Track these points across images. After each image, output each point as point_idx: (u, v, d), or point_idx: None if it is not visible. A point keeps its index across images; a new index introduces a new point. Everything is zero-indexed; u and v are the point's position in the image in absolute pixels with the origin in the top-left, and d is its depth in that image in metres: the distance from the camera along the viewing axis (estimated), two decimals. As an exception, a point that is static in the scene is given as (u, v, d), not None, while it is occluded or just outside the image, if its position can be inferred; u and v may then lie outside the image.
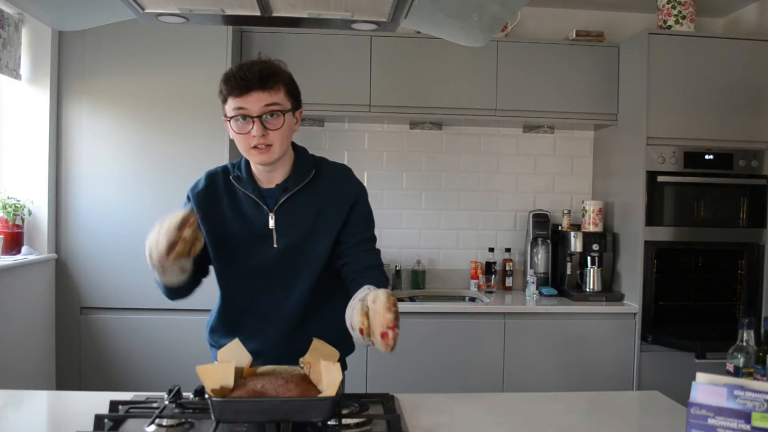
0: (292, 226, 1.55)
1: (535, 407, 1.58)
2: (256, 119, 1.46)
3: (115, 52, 2.95)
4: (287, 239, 1.55)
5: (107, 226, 2.95)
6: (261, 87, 1.46)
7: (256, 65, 1.47)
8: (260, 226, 1.55)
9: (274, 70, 1.49)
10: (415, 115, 3.37)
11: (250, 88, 1.45)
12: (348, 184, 1.62)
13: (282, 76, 1.51)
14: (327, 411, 1.17)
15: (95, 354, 2.96)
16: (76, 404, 1.59)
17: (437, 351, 3.04)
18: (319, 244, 1.57)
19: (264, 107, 1.46)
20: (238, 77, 1.45)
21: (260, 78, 1.45)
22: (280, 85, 1.49)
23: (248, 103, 1.46)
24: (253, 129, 1.46)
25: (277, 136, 1.49)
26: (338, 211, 1.57)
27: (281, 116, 1.48)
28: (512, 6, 1.53)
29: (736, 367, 1.47)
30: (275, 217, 1.55)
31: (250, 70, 1.45)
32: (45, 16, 1.78)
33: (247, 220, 1.56)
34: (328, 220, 1.57)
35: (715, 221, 3.22)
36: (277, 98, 1.48)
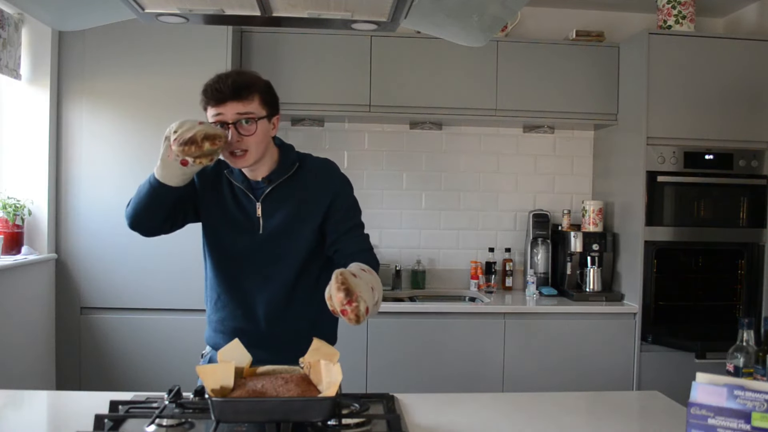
0: (276, 214, 1.68)
1: (535, 407, 1.58)
2: (231, 126, 1.57)
3: (115, 52, 2.95)
4: (271, 226, 1.68)
5: (107, 226, 2.95)
6: (235, 98, 1.56)
7: (231, 77, 1.58)
8: (250, 214, 1.69)
9: (248, 81, 1.60)
10: (415, 115, 3.37)
11: (224, 99, 1.56)
12: (329, 177, 1.73)
13: (256, 86, 1.61)
14: (327, 411, 1.17)
15: (95, 354, 2.96)
16: (76, 404, 1.59)
17: (437, 351, 3.04)
18: (302, 231, 1.68)
19: (237, 115, 1.57)
20: (213, 89, 1.58)
21: (233, 90, 1.56)
22: (255, 94, 1.59)
23: (223, 110, 1.57)
24: (228, 135, 1.57)
25: (252, 142, 1.59)
26: (320, 202, 1.68)
27: (254, 123, 1.59)
28: (512, 6, 1.53)
29: (736, 367, 1.47)
30: (261, 205, 1.68)
31: (225, 82, 1.57)
32: (45, 16, 1.78)
33: (241, 208, 1.69)
34: (311, 209, 1.68)
35: (715, 221, 3.22)
36: (250, 107, 1.58)
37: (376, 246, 3.60)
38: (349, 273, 1.34)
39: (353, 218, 1.72)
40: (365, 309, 1.30)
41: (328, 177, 1.73)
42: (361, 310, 1.29)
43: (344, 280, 1.30)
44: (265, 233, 1.67)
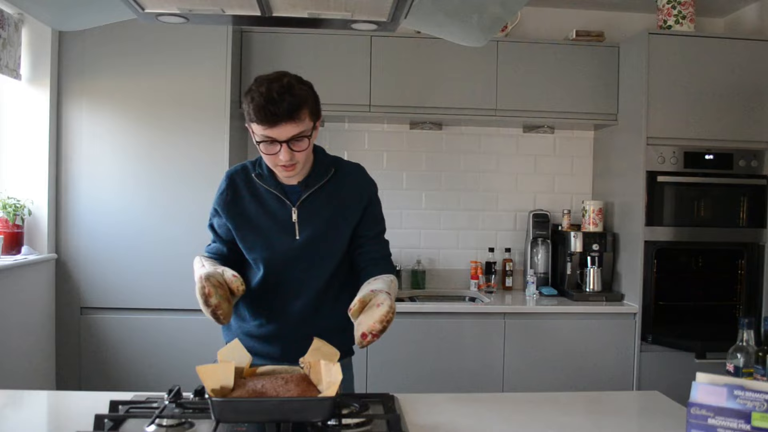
0: (313, 219, 1.67)
1: (535, 407, 1.58)
2: (283, 144, 1.53)
3: (115, 52, 2.95)
4: (309, 232, 1.67)
5: (107, 226, 2.95)
6: (289, 119, 1.51)
7: (285, 98, 1.50)
8: (284, 219, 1.67)
9: (301, 99, 1.53)
10: (415, 115, 3.37)
11: (278, 122, 1.51)
12: (363, 182, 1.76)
13: (307, 102, 1.55)
14: (327, 411, 1.17)
15: (95, 354, 2.96)
16: (76, 404, 1.59)
17: (437, 351, 3.04)
18: (338, 236, 1.70)
19: (291, 136, 1.53)
20: (267, 111, 1.49)
21: (288, 112, 1.50)
22: (306, 111, 1.54)
23: (276, 133, 1.52)
24: (280, 152, 1.54)
25: (302, 156, 1.58)
26: (355, 208, 1.71)
27: (306, 140, 1.57)
28: (512, 6, 1.53)
29: (736, 367, 1.47)
30: (298, 211, 1.66)
31: (279, 105, 1.49)
32: (45, 16, 1.77)
33: (272, 214, 1.67)
34: (346, 215, 1.70)
35: (715, 221, 3.22)
36: (303, 126, 1.54)
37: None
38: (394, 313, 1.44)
39: (380, 223, 1.80)
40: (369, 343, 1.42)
41: (363, 183, 1.76)
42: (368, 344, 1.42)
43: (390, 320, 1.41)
44: (302, 239, 1.66)
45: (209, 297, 1.42)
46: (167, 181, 2.96)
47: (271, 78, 1.54)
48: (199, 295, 1.44)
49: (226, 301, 1.46)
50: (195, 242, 2.96)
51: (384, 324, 1.40)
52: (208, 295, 1.42)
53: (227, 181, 1.71)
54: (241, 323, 1.75)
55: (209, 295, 1.42)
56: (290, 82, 1.53)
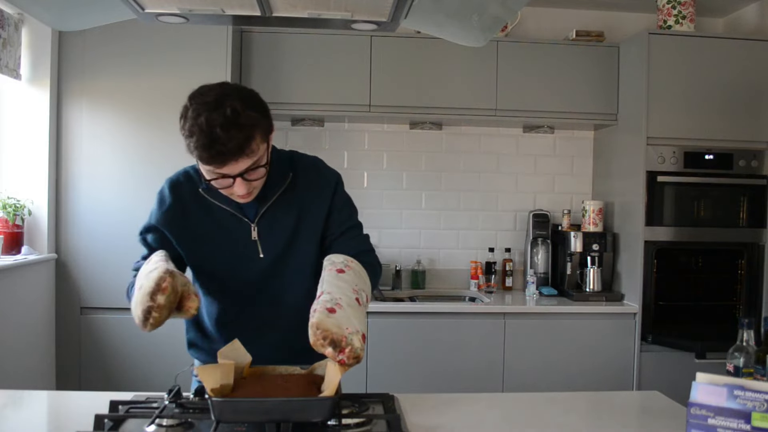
0: (276, 233, 1.49)
1: (535, 407, 1.58)
2: (236, 178, 1.34)
3: (115, 52, 2.95)
4: (274, 247, 1.49)
5: (107, 226, 2.95)
6: (240, 155, 1.29)
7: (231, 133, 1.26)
8: (243, 238, 1.48)
9: (250, 130, 1.30)
10: (415, 115, 3.37)
11: (227, 161, 1.30)
12: (322, 178, 1.55)
13: (256, 129, 1.31)
14: (327, 411, 1.17)
15: (95, 354, 2.96)
16: (76, 404, 1.59)
17: (437, 351, 3.04)
18: (306, 246, 1.52)
19: (245, 170, 1.33)
20: (213, 151, 1.27)
21: (239, 148, 1.28)
22: (257, 139, 1.32)
23: (227, 170, 1.32)
24: (235, 186, 1.35)
25: (259, 183, 1.41)
26: (318, 210, 1.52)
27: (262, 168, 1.37)
28: (512, 6, 1.53)
29: (736, 367, 1.47)
30: (257, 227, 1.48)
31: (226, 143, 1.27)
32: (45, 16, 1.77)
33: (228, 233, 1.48)
34: (310, 221, 1.51)
35: (715, 221, 3.22)
36: (255, 156, 1.33)
37: (376, 246, 3.61)
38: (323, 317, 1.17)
39: (351, 218, 1.57)
40: (360, 340, 1.17)
41: (323, 179, 1.55)
42: (356, 348, 1.16)
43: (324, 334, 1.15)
44: (267, 257, 1.49)
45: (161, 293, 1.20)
46: (167, 181, 2.95)
47: (210, 103, 1.29)
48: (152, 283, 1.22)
49: (167, 310, 1.22)
50: (195, 242, 2.97)
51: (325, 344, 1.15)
52: (162, 291, 1.20)
53: (172, 196, 1.48)
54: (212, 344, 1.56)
55: (163, 291, 1.20)
56: (235, 109, 1.28)
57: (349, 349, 1.15)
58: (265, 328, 1.55)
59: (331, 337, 1.15)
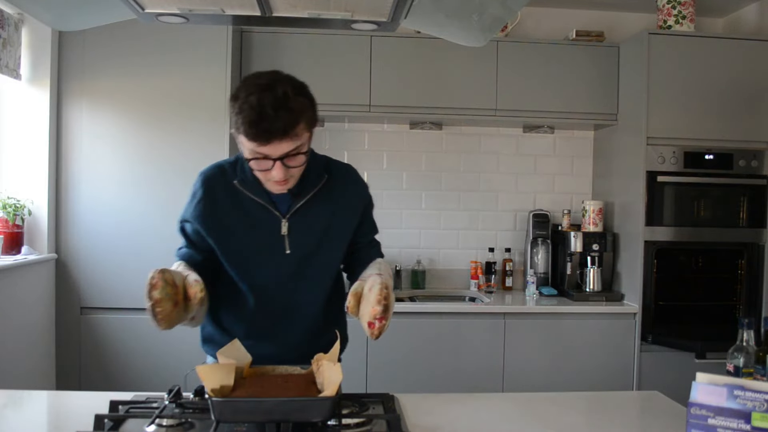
0: (305, 232, 1.51)
1: (535, 407, 1.58)
2: (276, 161, 1.36)
3: (115, 52, 2.95)
4: (301, 246, 1.51)
5: (107, 226, 2.95)
6: (284, 136, 1.33)
7: (280, 114, 1.31)
8: (272, 232, 1.50)
9: (298, 113, 1.35)
10: (415, 115, 3.37)
11: (271, 139, 1.33)
12: (358, 187, 1.62)
13: (304, 115, 1.37)
14: (327, 411, 1.17)
15: (95, 354, 2.96)
16: (76, 404, 1.59)
17: (437, 351, 3.04)
18: (334, 248, 1.56)
19: (285, 153, 1.37)
20: (260, 128, 1.31)
21: (284, 128, 1.32)
22: (303, 125, 1.37)
23: (268, 150, 1.35)
24: (273, 170, 1.38)
25: (298, 171, 1.43)
26: (351, 217, 1.58)
27: (303, 155, 1.40)
28: (512, 6, 1.53)
29: (736, 367, 1.47)
30: (288, 223, 1.50)
31: (274, 121, 1.31)
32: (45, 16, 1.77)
33: (257, 225, 1.50)
34: (341, 226, 1.56)
35: (715, 221, 3.22)
36: (299, 141, 1.37)
37: (376, 246, 3.61)
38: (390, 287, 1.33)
39: (374, 228, 1.68)
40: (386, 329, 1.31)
41: (358, 189, 1.61)
42: (385, 329, 1.30)
43: (388, 295, 1.29)
44: (293, 254, 1.50)
45: (153, 289, 1.23)
46: (167, 181, 2.96)
47: (262, 85, 1.34)
48: (145, 284, 1.24)
49: (170, 302, 1.25)
50: (195, 242, 2.97)
51: (383, 303, 1.28)
52: (153, 287, 1.23)
53: (204, 188, 1.51)
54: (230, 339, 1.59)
55: (154, 287, 1.23)
56: (286, 92, 1.34)
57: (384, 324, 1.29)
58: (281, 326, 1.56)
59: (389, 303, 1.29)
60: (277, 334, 1.56)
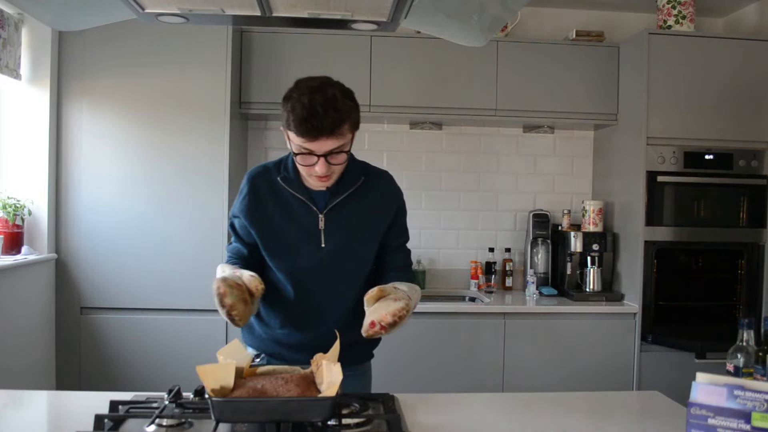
0: (340, 228, 1.62)
1: (535, 407, 1.58)
2: (321, 157, 1.49)
3: (115, 52, 2.95)
4: (335, 241, 1.62)
5: (107, 226, 2.95)
6: (330, 135, 1.46)
7: (329, 113, 1.44)
8: (309, 226, 1.61)
9: (345, 114, 1.48)
10: (415, 115, 3.37)
11: (318, 137, 1.46)
12: (392, 191, 1.71)
13: (350, 115, 1.50)
14: (327, 411, 1.17)
15: (95, 354, 2.96)
16: (76, 404, 1.59)
17: (437, 351, 3.04)
18: (366, 247, 1.66)
19: (330, 150, 1.48)
20: (309, 125, 1.44)
21: (331, 128, 1.45)
22: (348, 126, 1.50)
23: (315, 146, 1.47)
24: (317, 165, 1.49)
25: (339, 168, 1.55)
26: (383, 219, 1.67)
27: (345, 154, 1.52)
28: (512, 6, 1.53)
29: (736, 367, 1.47)
30: (325, 218, 1.61)
31: (323, 120, 1.44)
32: (45, 16, 1.77)
33: (297, 219, 1.61)
34: (374, 226, 1.66)
35: (715, 221, 3.22)
36: (343, 140, 1.49)
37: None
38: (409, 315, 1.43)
39: (405, 233, 1.75)
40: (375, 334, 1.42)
41: (393, 193, 1.70)
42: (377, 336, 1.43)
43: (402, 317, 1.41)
44: (328, 248, 1.61)
45: (224, 297, 1.38)
46: (167, 181, 2.96)
47: (314, 87, 1.48)
48: (214, 296, 1.39)
49: (242, 303, 1.40)
50: (195, 242, 2.97)
51: (395, 318, 1.39)
52: (223, 295, 1.38)
53: (249, 185, 1.65)
54: (267, 329, 1.70)
55: (224, 295, 1.38)
56: (335, 94, 1.48)
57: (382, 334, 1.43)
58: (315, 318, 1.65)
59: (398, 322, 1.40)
60: (311, 325, 1.65)
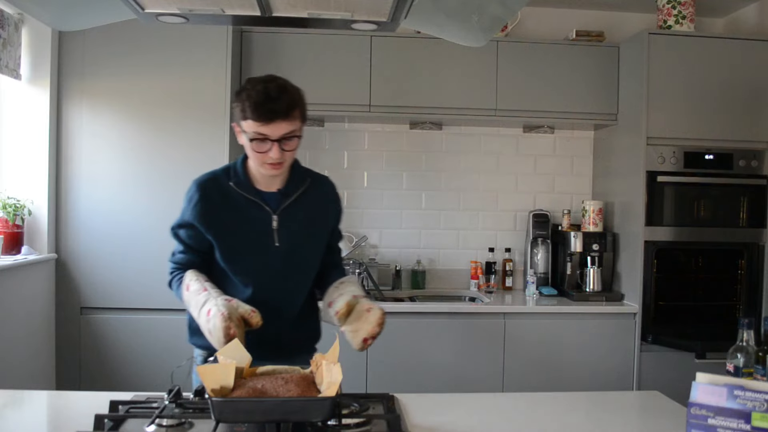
0: (292, 227, 1.68)
1: (535, 407, 1.58)
2: (275, 143, 1.56)
3: (115, 52, 2.95)
4: (288, 240, 1.68)
5: (107, 226, 2.95)
6: (284, 117, 1.55)
7: (282, 96, 1.54)
8: (263, 226, 1.66)
9: (296, 99, 1.58)
10: (415, 115, 3.37)
11: (274, 119, 1.53)
12: (335, 197, 1.81)
13: (300, 103, 1.60)
14: (327, 411, 1.17)
15: (95, 354, 2.96)
16: (76, 404, 1.59)
17: (437, 351, 3.04)
18: (316, 245, 1.74)
19: (284, 134, 1.56)
20: (266, 108, 1.52)
21: (285, 109, 1.54)
22: (299, 111, 1.59)
23: (270, 130, 1.54)
24: (271, 151, 1.56)
25: (290, 156, 1.62)
26: (329, 220, 1.77)
27: (296, 140, 1.60)
28: (512, 6, 1.53)
29: (736, 367, 1.47)
30: (278, 218, 1.67)
31: (277, 102, 1.53)
32: (45, 16, 1.78)
33: (250, 221, 1.66)
34: (322, 225, 1.75)
35: (715, 221, 3.22)
36: (295, 125, 1.58)
37: (376, 246, 3.61)
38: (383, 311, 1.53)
39: (341, 234, 1.87)
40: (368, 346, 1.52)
41: (334, 196, 1.80)
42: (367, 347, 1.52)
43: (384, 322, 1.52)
44: (282, 247, 1.67)
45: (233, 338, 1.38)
46: (167, 181, 2.95)
47: (266, 79, 1.58)
48: (221, 333, 1.39)
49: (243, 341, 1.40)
50: (195, 242, 2.97)
51: (381, 327, 1.51)
52: (233, 336, 1.39)
53: (199, 192, 1.67)
54: None
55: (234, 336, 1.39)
56: (285, 82, 1.59)
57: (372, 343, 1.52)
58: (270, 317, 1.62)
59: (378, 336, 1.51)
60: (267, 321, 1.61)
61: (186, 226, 1.68)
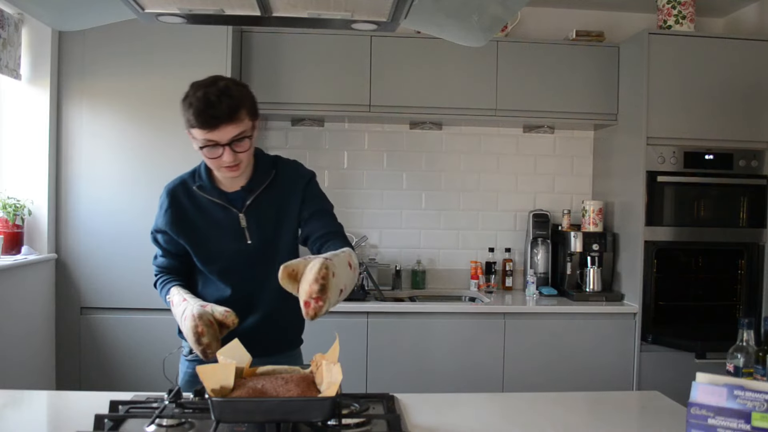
0: (261, 222, 1.68)
1: (535, 407, 1.58)
2: (225, 147, 1.54)
3: (115, 52, 2.95)
4: (259, 235, 1.68)
5: (107, 226, 2.95)
6: (228, 121, 1.51)
7: (223, 100, 1.50)
8: (232, 226, 1.67)
9: (239, 100, 1.53)
10: (415, 115, 3.37)
11: (218, 125, 1.51)
12: (299, 175, 1.74)
13: (244, 102, 1.55)
14: (327, 411, 1.17)
15: (95, 354, 2.96)
16: (76, 404, 1.59)
17: (437, 351, 3.04)
18: (288, 233, 1.71)
19: (233, 137, 1.54)
20: (207, 115, 1.49)
21: (228, 114, 1.51)
22: (244, 111, 1.55)
23: (217, 135, 1.52)
24: (223, 155, 1.55)
25: (245, 156, 1.59)
26: (295, 201, 1.70)
27: (248, 140, 1.58)
28: (512, 6, 1.53)
29: (736, 367, 1.47)
30: (245, 216, 1.67)
31: (218, 107, 1.49)
32: (45, 16, 1.77)
33: (218, 223, 1.67)
34: (291, 209, 1.70)
35: (715, 221, 3.22)
36: (242, 126, 1.55)
37: (376, 246, 3.61)
38: (333, 268, 1.23)
39: (322, 202, 1.72)
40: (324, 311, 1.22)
41: (300, 176, 1.73)
42: (323, 311, 1.21)
43: (326, 275, 1.20)
44: (254, 243, 1.67)
45: (201, 336, 1.42)
46: (167, 181, 2.95)
47: (207, 83, 1.54)
48: (191, 333, 1.43)
49: (216, 341, 1.43)
50: (195, 242, 2.97)
51: (321, 282, 1.19)
52: (201, 334, 1.42)
53: (169, 198, 1.70)
54: None
55: (202, 334, 1.42)
56: (227, 84, 1.54)
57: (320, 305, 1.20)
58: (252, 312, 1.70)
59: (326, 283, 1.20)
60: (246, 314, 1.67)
61: (161, 231, 1.71)
